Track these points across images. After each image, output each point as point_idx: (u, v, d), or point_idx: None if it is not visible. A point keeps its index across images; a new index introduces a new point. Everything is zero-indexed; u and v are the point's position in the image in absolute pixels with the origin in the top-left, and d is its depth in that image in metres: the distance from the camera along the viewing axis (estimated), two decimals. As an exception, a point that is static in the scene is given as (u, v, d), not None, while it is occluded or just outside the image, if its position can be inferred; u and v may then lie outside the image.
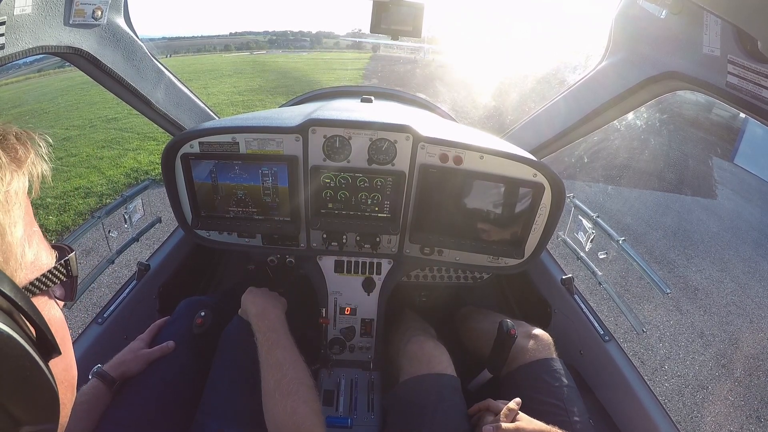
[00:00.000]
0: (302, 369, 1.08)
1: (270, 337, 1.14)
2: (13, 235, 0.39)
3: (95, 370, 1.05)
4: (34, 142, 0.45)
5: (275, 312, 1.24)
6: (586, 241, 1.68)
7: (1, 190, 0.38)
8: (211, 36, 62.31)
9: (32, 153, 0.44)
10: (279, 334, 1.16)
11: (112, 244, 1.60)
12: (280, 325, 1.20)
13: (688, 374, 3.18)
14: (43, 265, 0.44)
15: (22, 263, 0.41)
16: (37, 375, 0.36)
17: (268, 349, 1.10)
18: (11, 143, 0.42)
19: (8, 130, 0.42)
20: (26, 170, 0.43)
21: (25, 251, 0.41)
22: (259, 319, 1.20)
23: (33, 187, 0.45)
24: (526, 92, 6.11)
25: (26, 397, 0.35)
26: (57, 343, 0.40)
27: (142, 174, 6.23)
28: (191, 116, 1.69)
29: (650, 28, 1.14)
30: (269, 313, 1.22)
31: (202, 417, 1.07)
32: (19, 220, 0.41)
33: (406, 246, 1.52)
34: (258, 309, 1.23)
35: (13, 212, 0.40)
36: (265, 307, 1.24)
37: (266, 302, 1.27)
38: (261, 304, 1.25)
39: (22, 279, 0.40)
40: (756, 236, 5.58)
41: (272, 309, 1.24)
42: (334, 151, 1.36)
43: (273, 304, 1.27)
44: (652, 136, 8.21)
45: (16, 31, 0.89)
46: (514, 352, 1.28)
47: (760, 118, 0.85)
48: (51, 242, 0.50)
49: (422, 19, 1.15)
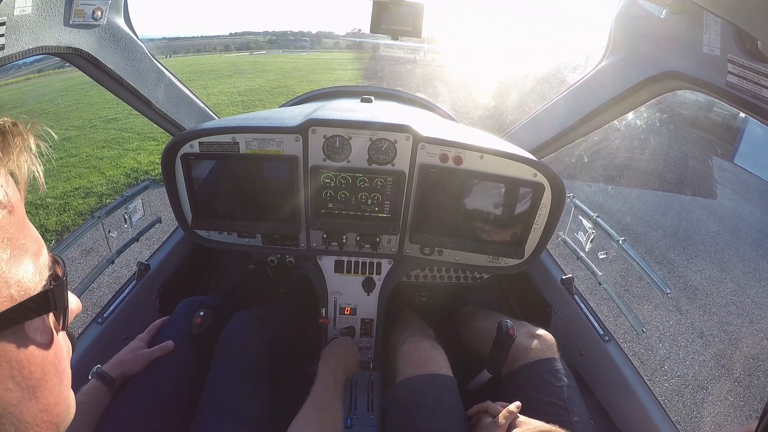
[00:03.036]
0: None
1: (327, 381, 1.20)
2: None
3: (95, 370, 1.05)
4: (21, 136, 0.37)
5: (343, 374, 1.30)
6: (586, 241, 1.68)
7: None
8: (211, 36, 62.28)
9: (14, 150, 0.36)
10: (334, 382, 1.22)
11: (112, 244, 1.61)
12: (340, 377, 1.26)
13: (688, 374, 3.17)
14: (20, 293, 0.35)
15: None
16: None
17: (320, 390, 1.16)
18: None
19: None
20: (2, 173, 0.35)
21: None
22: (331, 368, 1.27)
23: (21, 190, 0.38)
24: (526, 92, 6.10)
25: None
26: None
27: (142, 174, 6.23)
28: (191, 116, 1.69)
29: (650, 28, 1.14)
30: (339, 367, 1.29)
31: (202, 417, 1.07)
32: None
33: (406, 246, 1.52)
34: (334, 362, 1.30)
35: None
36: (339, 363, 1.31)
37: (342, 358, 1.34)
38: (337, 357, 1.33)
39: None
40: (756, 236, 5.58)
41: (342, 369, 1.30)
42: (334, 151, 1.36)
43: (345, 365, 1.33)
44: (652, 136, 8.21)
45: (16, 32, 0.89)
46: (516, 352, 1.28)
47: (760, 117, 0.85)
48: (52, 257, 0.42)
49: (422, 19, 1.15)
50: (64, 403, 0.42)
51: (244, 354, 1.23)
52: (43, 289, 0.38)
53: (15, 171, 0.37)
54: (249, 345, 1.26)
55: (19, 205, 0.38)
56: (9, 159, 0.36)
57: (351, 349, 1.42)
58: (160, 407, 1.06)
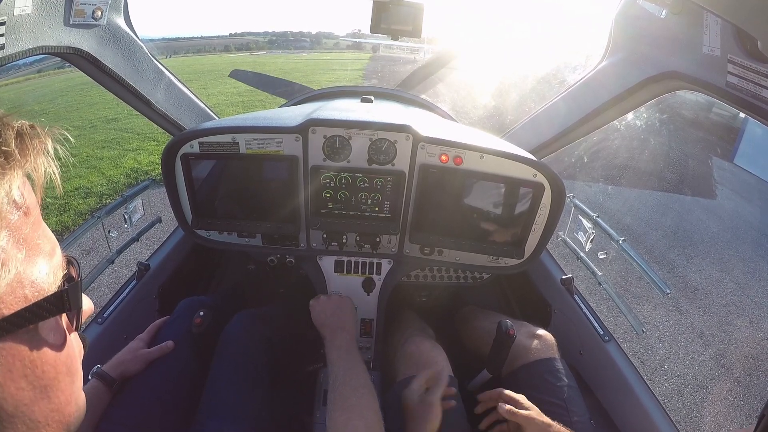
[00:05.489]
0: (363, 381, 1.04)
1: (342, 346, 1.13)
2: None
3: (95, 371, 1.05)
4: (39, 139, 0.38)
5: (348, 323, 1.24)
6: (586, 241, 1.68)
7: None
8: (211, 36, 62.40)
9: (31, 152, 0.36)
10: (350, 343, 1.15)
11: (112, 244, 1.60)
12: (351, 336, 1.19)
13: (688, 374, 3.17)
14: (34, 293, 0.36)
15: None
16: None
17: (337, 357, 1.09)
18: (4, 141, 0.35)
19: (5, 125, 0.36)
20: (19, 174, 0.35)
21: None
22: (332, 331, 1.19)
23: (36, 191, 0.38)
24: (526, 92, 6.10)
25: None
26: (1, 404, 0.33)
27: (142, 174, 6.23)
28: (191, 116, 1.69)
29: (650, 28, 1.14)
30: (344, 324, 1.22)
31: (202, 417, 1.07)
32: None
33: (406, 246, 1.52)
34: (329, 318, 1.24)
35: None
36: (336, 316, 1.25)
37: (336, 311, 1.27)
38: (331, 311, 1.26)
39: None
40: (756, 236, 5.58)
41: (339, 329, 1.22)
42: (334, 151, 1.36)
43: (341, 324, 1.24)
44: (652, 136, 8.21)
45: (16, 32, 0.89)
46: (516, 352, 1.28)
47: (760, 118, 0.85)
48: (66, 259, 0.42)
49: (422, 19, 1.15)
50: (75, 403, 0.43)
51: (245, 354, 1.23)
52: (57, 290, 0.38)
53: (32, 173, 0.37)
54: (249, 345, 1.26)
55: (35, 207, 0.39)
56: (26, 161, 0.36)
57: (336, 301, 1.33)
58: (160, 407, 1.06)
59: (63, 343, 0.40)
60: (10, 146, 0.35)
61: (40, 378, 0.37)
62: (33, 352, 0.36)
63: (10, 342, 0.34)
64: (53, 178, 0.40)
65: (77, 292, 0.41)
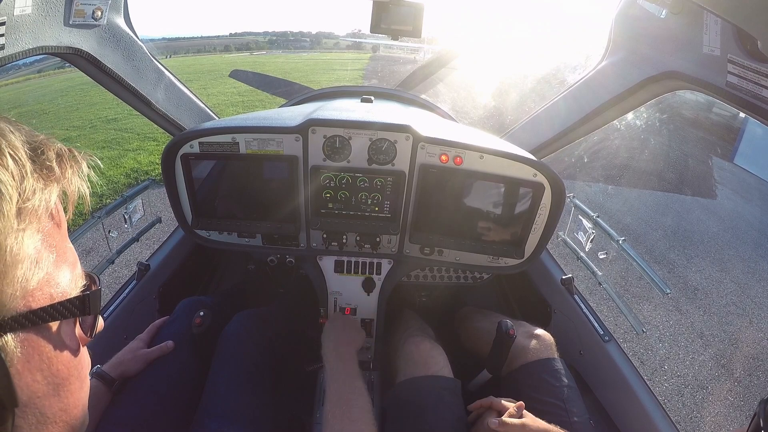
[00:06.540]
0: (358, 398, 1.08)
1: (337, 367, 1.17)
2: (12, 252, 0.34)
3: (94, 370, 1.05)
4: (76, 161, 0.43)
5: (349, 348, 1.27)
6: (586, 241, 1.68)
7: (14, 201, 0.34)
8: (211, 37, 62.37)
9: (69, 171, 0.42)
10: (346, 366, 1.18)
11: (112, 244, 1.60)
12: (348, 358, 1.23)
13: (688, 374, 3.18)
14: (59, 294, 0.40)
15: (19, 288, 0.36)
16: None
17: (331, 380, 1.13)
18: (48, 158, 0.39)
19: (49, 145, 0.40)
20: (57, 188, 0.40)
21: (31, 275, 0.36)
22: (332, 353, 1.23)
23: (68, 207, 0.43)
24: (526, 92, 6.10)
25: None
26: (17, 392, 0.35)
27: (142, 174, 6.23)
28: (191, 116, 1.69)
29: (650, 28, 1.14)
30: (342, 348, 1.26)
31: (202, 417, 1.07)
32: (30, 239, 0.37)
33: (406, 246, 1.52)
34: (332, 344, 1.27)
35: (27, 229, 0.36)
36: (340, 338, 1.29)
37: (340, 338, 1.30)
38: (335, 338, 1.29)
39: (14, 305, 0.35)
40: (756, 236, 5.58)
41: (345, 345, 1.28)
42: (334, 151, 1.36)
43: (347, 341, 1.30)
44: (652, 136, 8.21)
45: (16, 32, 0.89)
46: (515, 352, 1.28)
47: (760, 117, 0.85)
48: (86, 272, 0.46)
49: (422, 19, 1.15)
50: (83, 409, 0.47)
51: (245, 354, 1.23)
52: (80, 293, 0.43)
53: (66, 190, 0.43)
54: (249, 345, 1.26)
55: (65, 222, 0.44)
56: (64, 178, 0.42)
57: (348, 320, 1.41)
58: (159, 407, 1.06)
59: (77, 350, 0.45)
60: (53, 163, 0.40)
61: (55, 375, 0.40)
62: (51, 350, 0.40)
63: (33, 335, 0.38)
64: (84, 197, 0.45)
65: (97, 299, 0.46)
